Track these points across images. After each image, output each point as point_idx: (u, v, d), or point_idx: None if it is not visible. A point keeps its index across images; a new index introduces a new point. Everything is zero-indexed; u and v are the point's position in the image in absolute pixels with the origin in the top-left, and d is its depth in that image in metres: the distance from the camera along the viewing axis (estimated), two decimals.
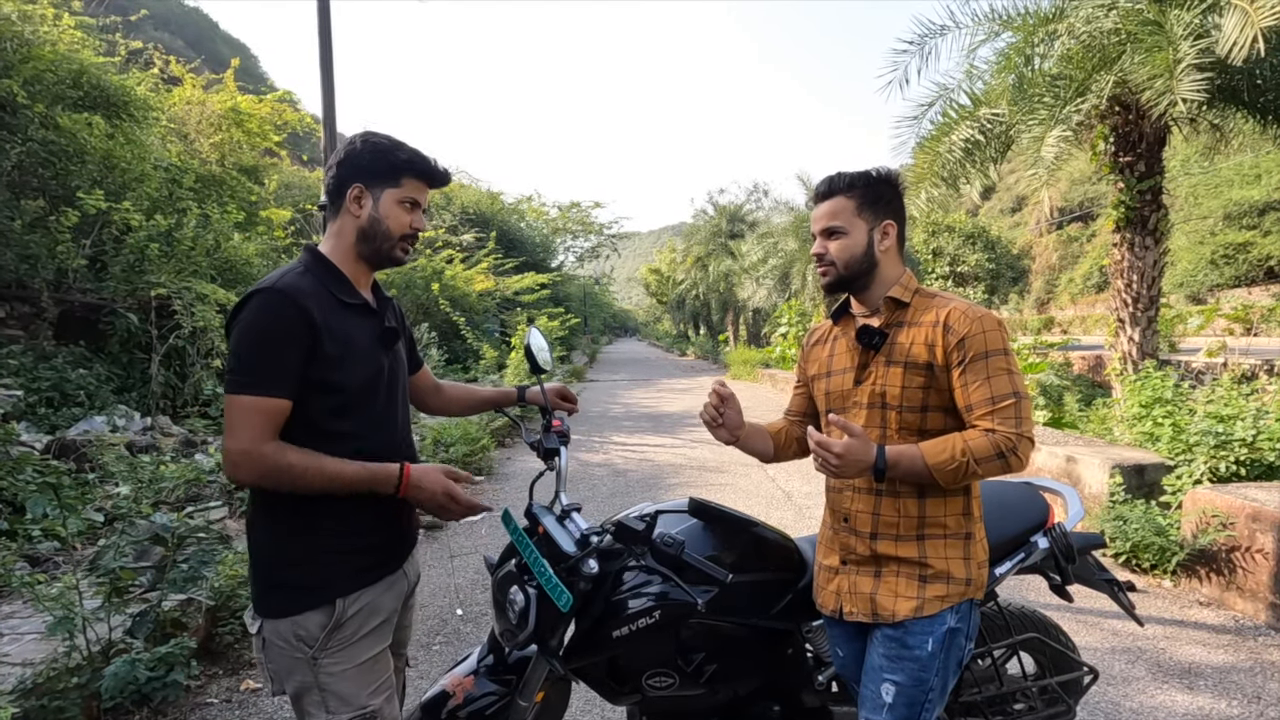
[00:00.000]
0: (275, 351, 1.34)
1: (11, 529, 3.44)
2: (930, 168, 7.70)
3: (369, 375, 1.48)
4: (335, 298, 1.45)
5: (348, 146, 1.52)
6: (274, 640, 1.41)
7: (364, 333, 1.50)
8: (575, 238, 31.65)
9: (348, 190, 1.49)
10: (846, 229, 1.57)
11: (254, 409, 1.32)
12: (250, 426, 1.31)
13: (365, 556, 1.48)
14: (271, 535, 1.44)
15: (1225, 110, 6.82)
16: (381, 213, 1.50)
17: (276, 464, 1.32)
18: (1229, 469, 4.28)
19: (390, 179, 1.50)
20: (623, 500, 5.96)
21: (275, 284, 1.38)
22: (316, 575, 1.42)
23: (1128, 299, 6.98)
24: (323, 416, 1.40)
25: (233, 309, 1.39)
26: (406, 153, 1.51)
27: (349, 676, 1.42)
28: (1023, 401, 1.46)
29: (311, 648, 1.40)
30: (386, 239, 1.51)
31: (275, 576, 1.43)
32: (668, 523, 1.76)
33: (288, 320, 1.35)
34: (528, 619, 1.64)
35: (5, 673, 2.47)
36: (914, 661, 1.52)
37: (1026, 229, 45.38)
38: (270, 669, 1.44)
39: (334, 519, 1.43)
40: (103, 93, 8.11)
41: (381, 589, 1.50)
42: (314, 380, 1.38)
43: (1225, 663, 3.07)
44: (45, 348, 6.54)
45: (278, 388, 1.34)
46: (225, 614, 3.29)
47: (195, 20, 66.88)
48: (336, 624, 1.41)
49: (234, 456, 1.32)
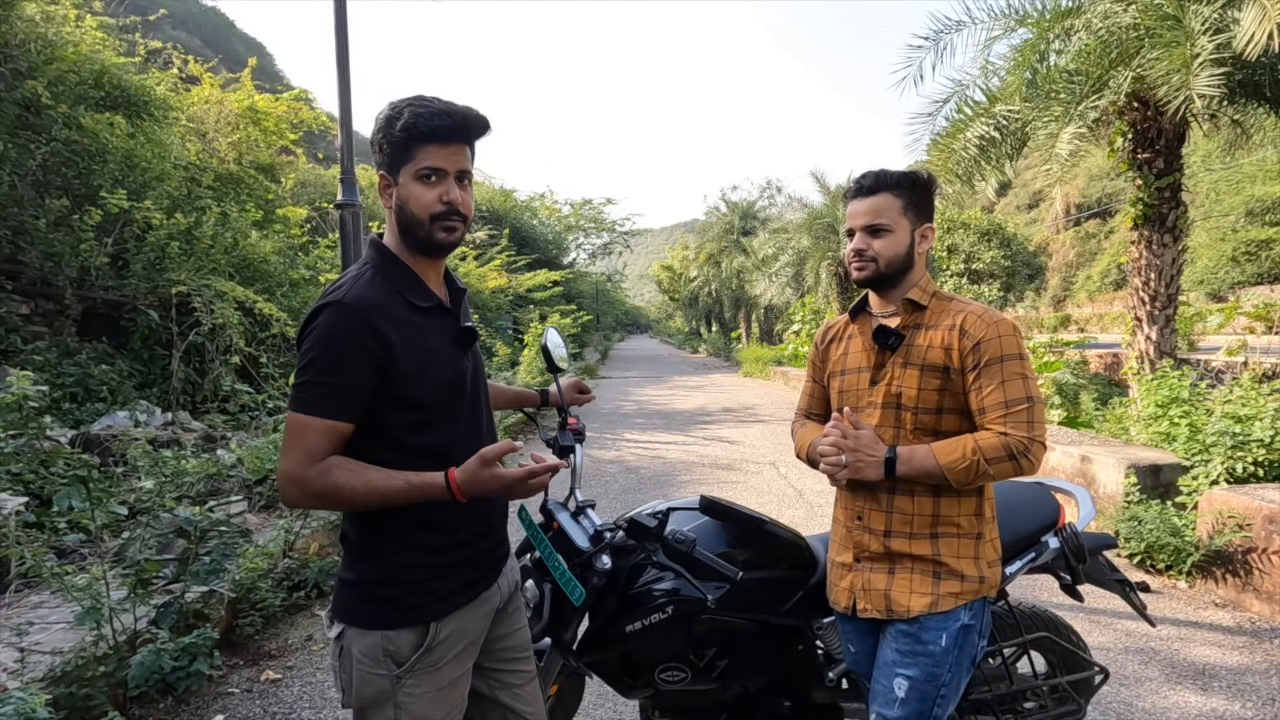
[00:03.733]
0: (341, 371, 1.23)
1: (39, 521, 3.52)
2: (945, 164, 7.65)
3: (450, 384, 1.36)
4: (408, 302, 1.32)
5: (371, 134, 1.34)
6: (358, 651, 1.31)
7: (441, 337, 1.37)
8: (587, 235, 31.69)
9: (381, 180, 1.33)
10: (892, 227, 1.57)
11: (310, 429, 1.22)
12: (301, 448, 1.22)
13: (463, 572, 1.39)
14: (367, 549, 1.34)
15: (1246, 105, 6.72)
16: (404, 195, 1.30)
17: (323, 487, 1.22)
18: (1246, 470, 4.23)
19: (402, 154, 1.28)
20: (635, 497, 5.99)
21: (345, 296, 1.26)
22: (414, 594, 1.33)
23: (1145, 297, 6.91)
24: (406, 433, 1.30)
25: (306, 318, 1.28)
26: (408, 115, 1.26)
27: (429, 699, 1.34)
28: (1036, 406, 1.48)
29: (400, 666, 1.31)
30: (417, 224, 1.31)
31: (370, 589, 1.33)
32: (680, 520, 1.79)
33: (357, 338, 1.23)
34: (542, 613, 1.67)
35: (36, 661, 2.54)
36: (928, 657, 1.53)
37: (1043, 226, 44.89)
38: (343, 678, 1.34)
39: (430, 532, 1.34)
40: (124, 93, 8.24)
41: (474, 608, 1.41)
42: (392, 396, 1.27)
43: (1240, 664, 3.05)
44: (69, 344, 6.67)
45: (339, 410, 1.23)
46: (246, 606, 3.36)
47: (212, 19, 67.43)
48: (428, 648, 1.33)
49: (282, 480, 1.25)
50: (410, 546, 1.34)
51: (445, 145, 1.28)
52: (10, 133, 6.78)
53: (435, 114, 1.27)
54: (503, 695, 1.51)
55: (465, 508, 1.34)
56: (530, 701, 1.54)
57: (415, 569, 1.34)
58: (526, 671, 1.56)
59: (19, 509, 3.56)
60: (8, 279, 6.56)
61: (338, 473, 1.23)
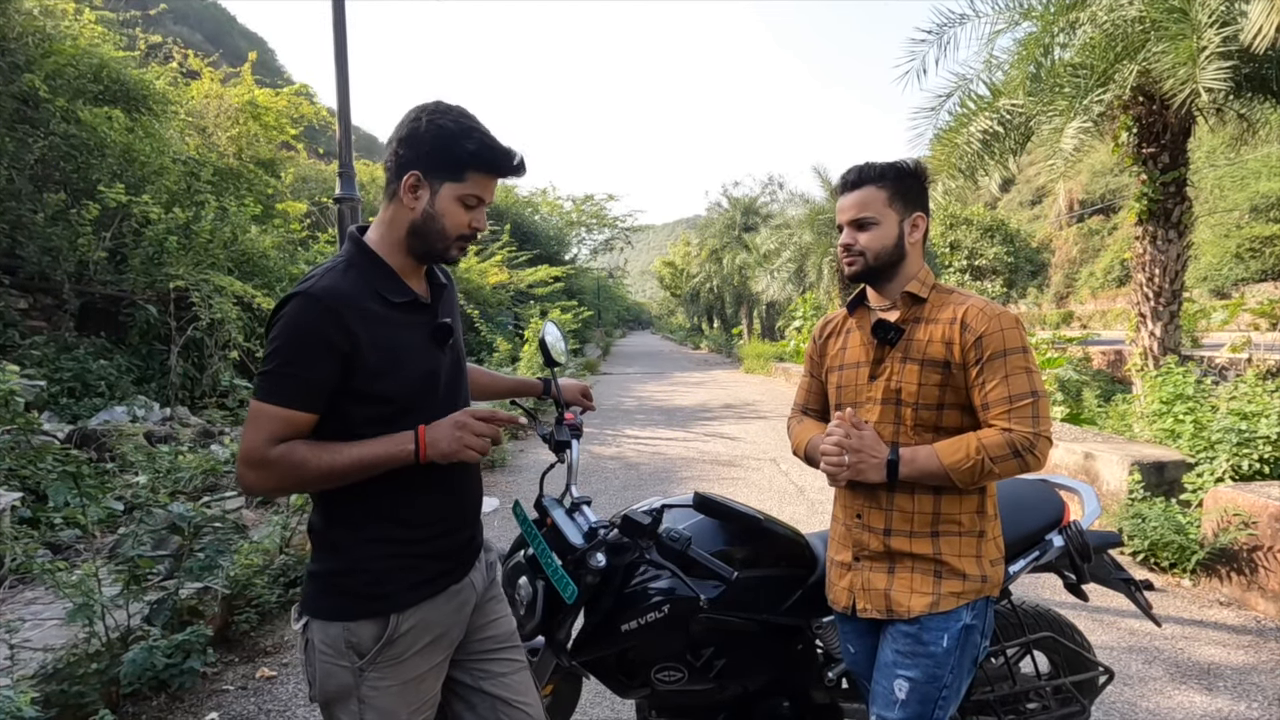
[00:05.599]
0: (304, 362, 1.23)
1: (35, 517, 3.50)
2: (948, 159, 7.60)
3: (421, 380, 1.35)
4: (381, 297, 1.31)
5: (411, 122, 1.31)
6: (321, 643, 1.32)
7: (415, 333, 1.36)
8: (589, 231, 31.65)
9: (404, 176, 1.30)
10: (878, 220, 1.54)
11: (271, 417, 1.22)
12: (260, 432, 1.22)
13: (428, 565, 1.38)
14: (331, 541, 1.34)
15: (1253, 100, 6.67)
16: (439, 209, 1.31)
17: (286, 462, 1.22)
18: (1252, 467, 4.20)
19: (453, 172, 1.30)
20: (635, 493, 5.96)
21: (312, 287, 1.25)
22: (376, 584, 1.32)
23: (1149, 293, 6.86)
24: (368, 426, 1.28)
25: (274, 308, 1.28)
26: (474, 142, 1.30)
27: (393, 693, 1.33)
28: (1040, 400, 1.45)
29: (362, 658, 1.30)
30: (441, 239, 1.33)
31: (333, 581, 1.33)
32: (676, 518, 1.76)
33: (321, 330, 1.22)
34: (535, 610, 1.64)
35: (27, 658, 2.52)
36: (929, 658, 1.50)
37: (1046, 222, 44.77)
38: (310, 671, 1.34)
39: (397, 524, 1.34)
40: (123, 87, 8.20)
41: (441, 602, 1.39)
42: (356, 391, 1.27)
43: (1245, 663, 3.02)
44: (67, 339, 6.65)
45: (300, 400, 1.23)
46: (241, 602, 3.33)
47: (213, 14, 67.40)
48: (389, 640, 1.32)
49: (241, 463, 1.24)
50: (373, 538, 1.33)
51: (493, 179, 1.35)
52: (8, 126, 6.76)
53: (501, 153, 1.32)
54: (488, 685, 1.49)
55: (431, 500, 1.37)
56: (520, 690, 1.51)
57: (377, 560, 1.33)
58: (514, 660, 1.53)
59: (14, 504, 3.54)
60: (5, 274, 6.53)
61: (301, 448, 1.24)
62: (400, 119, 1.34)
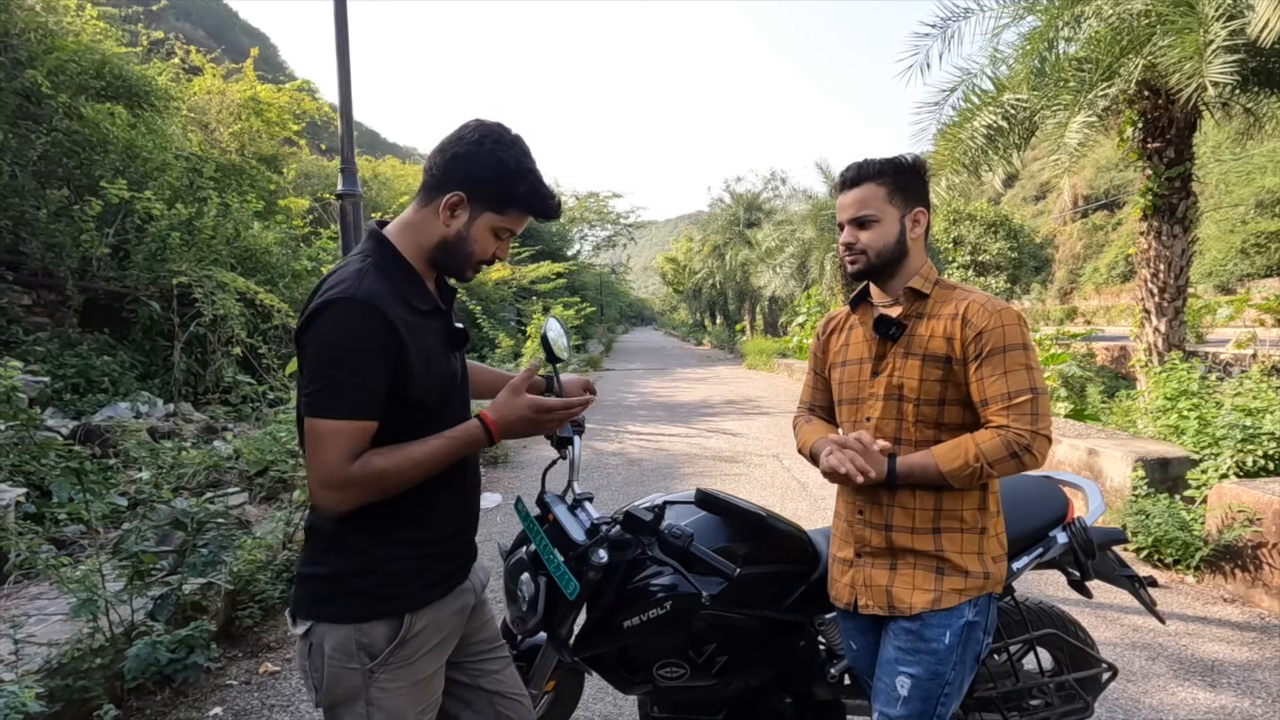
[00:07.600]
0: (363, 369, 1.20)
1: (39, 512, 3.51)
2: (951, 154, 7.56)
3: (443, 385, 1.35)
4: (408, 302, 1.29)
5: (470, 142, 1.30)
6: (329, 647, 1.28)
7: (437, 338, 1.35)
8: (592, 227, 31.61)
9: (448, 193, 1.29)
10: (878, 217, 1.53)
11: (343, 433, 1.19)
12: (335, 451, 1.18)
13: (439, 566, 1.39)
14: (344, 543, 1.31)
15: (1260, 94, 6.62)
16: (473, 234, 1.32)
17: (367, 476, 1.20)
18: (1256, 463, 4.18)
19: (498, 205, 1.32)
20: (637, 489, 5.96)
21: (354, 293, 1.21)
22: (391, 585, 1.31)
23: (1154, 289, 6.83)
24: (406, 433, 1.27)
25: (304, 320, 1.23)
26: (528, 186, 1.32)
27: (402, 694, 1.32)
28: (1040, 397, 1.44)
29: (373, 659, 1.28)
30: (466, 260, 1.35)
31: (344, 582, 1.30)
32: (678, 514, 1.75)
33: (374, 333, 1.20)
34: (537, 607, 1.64)
35: (31, 653, 2.52)
36: (931, 655, 1.50)
37: (1050, 217, 44.58)
38: (315, 677, 1.30)
39: (410, 525, 1.33)
40: (125, 83, 8.21)
41: (449, 602, 1.41)
42: (398, 395, 1.25)
43: (1249, 660, 3.01)
44: (71, 335, 6.67)
45: (367, 409, 1.21)
46: (244, 598, 3.34)
47: (215, 10, 67.38)
48: (402, 640, 1.31)
49: (322, 488, 1.20)
50: (395, 539, 1.32)
51: (529, 217, 1.37)
52: (11, 122, 6.76)
53: (547, 198, 1.35)
54: (484, 682, 1.53)
55: (450, 502, 1.38)
56: (512, 684, 1.56)
57: (396, 561, 1.32)
58: (505, 658, 1.59)
59: (19, 499, 3.55)
60: (9, 270, 6.56)
61: (377, 458, 1.22)
62: (461, 128, 1.33)
